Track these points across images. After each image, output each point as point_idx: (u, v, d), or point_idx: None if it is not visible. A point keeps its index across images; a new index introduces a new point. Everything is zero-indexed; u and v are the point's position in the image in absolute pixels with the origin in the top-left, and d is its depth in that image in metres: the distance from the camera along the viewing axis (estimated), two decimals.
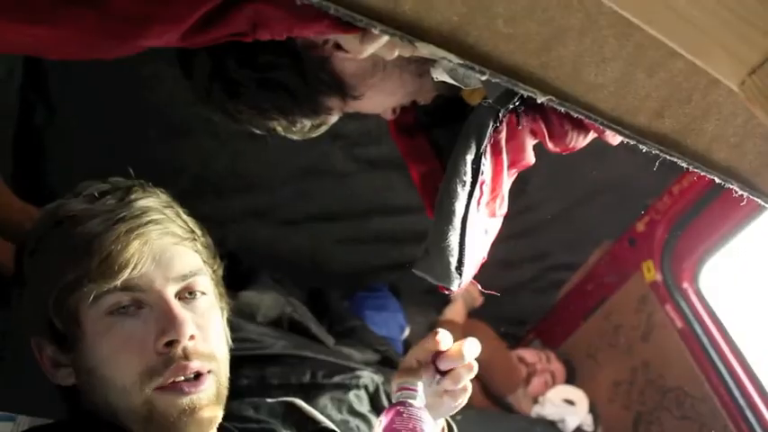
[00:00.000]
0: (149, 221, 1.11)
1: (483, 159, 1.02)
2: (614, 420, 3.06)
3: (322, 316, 2.43)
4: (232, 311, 1.28)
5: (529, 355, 3.12)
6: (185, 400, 1.04)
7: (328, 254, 2.84)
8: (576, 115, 0.68)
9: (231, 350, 1.20)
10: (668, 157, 0.73)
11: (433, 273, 1.05)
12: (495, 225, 1.16)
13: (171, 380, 1.04)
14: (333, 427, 1.33)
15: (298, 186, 2.57)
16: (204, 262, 1.18)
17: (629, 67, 0.65)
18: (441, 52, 0.61)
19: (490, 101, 1.00)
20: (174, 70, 1.17)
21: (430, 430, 1.04)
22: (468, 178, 1.02)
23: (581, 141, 1.11)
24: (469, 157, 1.02)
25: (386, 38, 0.82)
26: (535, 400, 3.03)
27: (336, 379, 1.96)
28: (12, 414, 1.40)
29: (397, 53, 0.88)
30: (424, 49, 0.61)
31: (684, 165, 0.75)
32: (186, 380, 1.05)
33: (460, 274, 1.04)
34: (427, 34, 0.60)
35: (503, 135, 1.05)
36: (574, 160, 1.20)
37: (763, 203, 0.81)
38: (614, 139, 1.06)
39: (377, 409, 2.04)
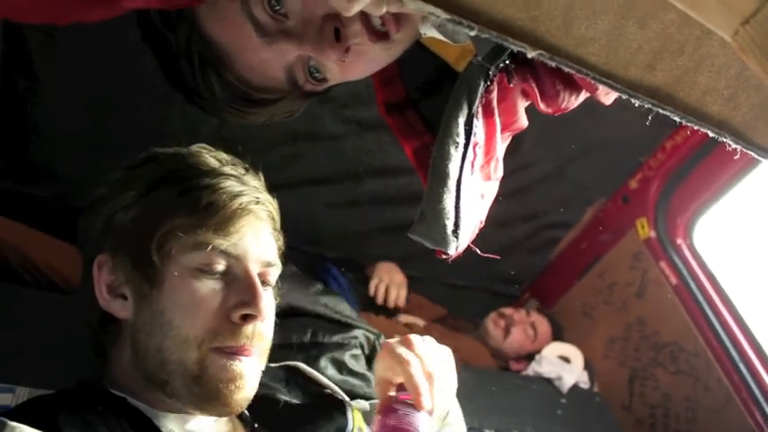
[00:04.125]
0: (262, 201, 1.20)
1: (475, 120, 1.01)
2: (610, 377, 3.10)
3: None
4: None
5: (506, 309, 3.16)
6: (238, 367, 1.10)
7: (321, 217, 2.84)
8: (567, 70, 0.67)
9: None
10: (661, 111, 0.73)
11: (430, 237, 1.04)
12: (491, 189, 1.15)
13: (225, 346, 1.09)
14: (336, 389, 1.34)
15: (288, 150, 2.56)
16: (279, 258, 1.24)
17: (621, 20, 0.64)
18: (428, 7, 0.60)
19: (479, 58, 0.98)
20: None
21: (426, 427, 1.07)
22: (461, 140, 1.01)
23: (573, 101, 1.10)
24: (462, 119, 1.00)
25: None
26: (528, 357, 3.06)
27: (336, 338, 1.97)
28: (11, 386, 1.41)
29: (384, 9, 0.86)
30: (412, 5, 0.59)
31: (677, 118, 0.74)
32: (241, 348, 1.11)
33: (457, 238, 1.04)
34: None
35: (494, 96, 1.04)
36: (566, 119, 1.19)
37: (756, 156, 0.80)
38: (607, 98, 1.05)
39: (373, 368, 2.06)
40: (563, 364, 3.00)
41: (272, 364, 1.40)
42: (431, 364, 1.13)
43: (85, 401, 1.09)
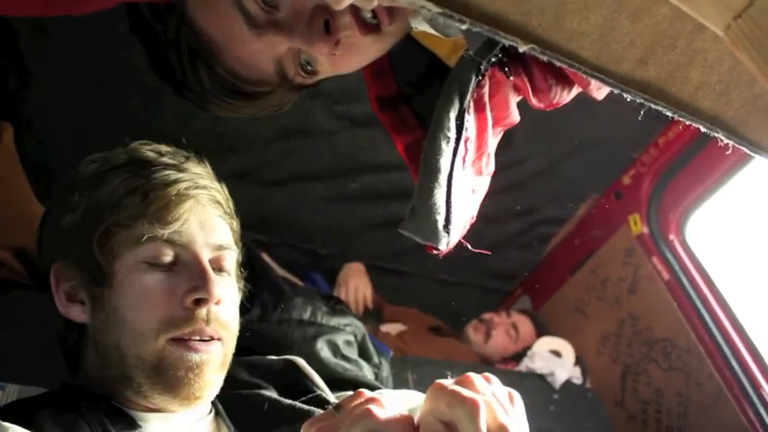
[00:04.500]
0: (203, 186, 1.19)
1: (466, 115, 1.01)
2: (602, 373, 3.10)
3: None
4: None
5: (485, 315, 3.18)
6: (195, 358, 1.09)
7: (314, 213, 2.84)
8: (558, 65, 0.67)
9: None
10: (653, 106, 0.72)
11: (421, 232, 1.04)
12: (482, 184, 1.15)
13: (183, 335, 1.09)
14: (328, 392, 1.32)
15: (280, 146, 2.56)
16: (234, 241, 1.24)
17: (613, 14, 0.64)
18: (420, 1, 0.59)
19: (471, 53, 0.98)
20: None
21: None
22: (452, 134, 1.00)
23: (565, 96, 1.09)
24: (453, 114, 1.00)
25: None
26: (514, 357, 3.07)
27: (333, 322, 1.97)
28: (1, 383, 1.40)
29: (375, 3, 0.85)
30: None
31: (669, 113, 0.74)
32: (201, 340, 1.10)
33: (448, 233, 1.04)
34: None
35: (485, 90, 1.04)
36: (559, 114, 1.19)
37: (748, 152, 0.80)
38: (599, 93, 1.05)
39: (365, 357, 2.06)
40: (555, 360, 3.01)
41: (274, 357, 1.40)
42: (503, 414, 0.82)
43: (69, 403, 1.09)
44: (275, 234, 2.81)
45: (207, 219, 1.17)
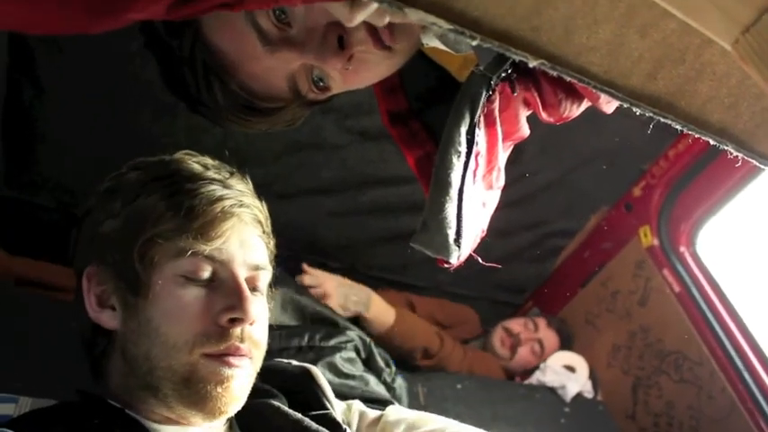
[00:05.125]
0: (246, 205, 1.19)
1: (477, 130, 1.02)
2: (613, 385, 3.09)
3: None
4: None
5: (514, 325, 3.12)
6: (226, 372, 1.09)
7: (324, 227, 2.84)
8: (568, 79, 0.67)
9: None
10: (662, 120, 0.73)
11: (432, 246, 1.04)
12: (492, 198, 1.15)
13: (217, 352, 1.09)
14: (335, 415, 1.32)
15: (291, 160, 2.57)
16: (269, 261, 1.24)
17: (622, 29, 0.64)
18: (430, 18, 0.60)
19: (481, 68, 0.98)
20: None
21: None
22: (462, 149, 1.01)
23: (575, 110, 1.10)
24: (463, 128, 1.01)
25: (375, 5, 0.81)
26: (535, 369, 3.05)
27: (332, 342, 1.97)
28: (14, 396, 1.41)
29: (387, 19, 0.86)
30: (414, 15, 0.60)
31: (678, 127, 0.74)
32: (232, 348, 1.10)
33: (459, 247, 1.04)
34: (416, 0, 0.59)
35: (496, 105, 1.04)
36: (568, 127, 1.20)
37: (758, 164, 0.80)
38: (608, 107, 1.05)
39: (373, 369, 2.06)
40: (568, 374, 2.99)
41: (295, 363, 1.40)
42: None
43: (82, 415, 1.10)
44: (285, 247, 2.82)
45: (247, 237, 1.18)
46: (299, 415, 1.25)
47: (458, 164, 1.01)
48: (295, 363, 1.40)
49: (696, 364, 2.77)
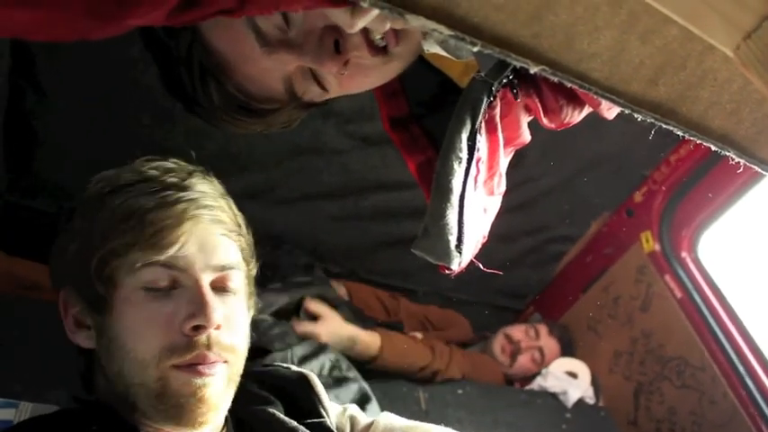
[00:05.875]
0: (204, 206, 1.14)
1: (478, 136, 1.01)
2: (615, 391, 3.09)
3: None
4: (258, 311, 1.31)
5: (515, 332, 3.12)
6: (198, 382, 1.06)
7: (325, 231, 2.84)
8: (569, 85, 0.67)
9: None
10: (663, 126, 0.73)
11: (433, 252, 1.04)
12: (494, 204, 1.15)
13: (186, 362, 1.06)
14: (330, 423, 1.31)
15: (292, 165, 2.57)
16: (243, 259, 1.20)
17: (623, 35, 0.64)
18: (431, 24, 0.60)
19: (483, 74, 0.98)
20: None
21: None
22: (463, 155, 1.01)
23: (576, 116, 1.10)
24: (465, 134, 1.00)
25: (376, 11, 0.81)
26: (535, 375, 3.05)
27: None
28: (14, 401, 1.41)
29: (388, 26, 0.86)
30: (415, 22, 0.59)
31: (680, 133, 0.74)
32: (204, 364, 1.07)
33: (460, 253, 1.04)
34: (417, 6, 0.59)
35: (497, 111, 1.04)
36: (570, 133, 1.19)
37: (759, 170, 0.80)
38: (609, 113, 1.05)
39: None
40: (569, 380, 2.99)
41: (294, 368, 1.39)
42: None
43: (81, 421, 1.09)
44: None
45: (207, 240, 1.13)
46: (294, 423, 1.23)
47: (459, 170, 1.01)
48: (294, 368, 1.38)
49: (698, 369, 2.76)
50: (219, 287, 1.14)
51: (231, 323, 1.13)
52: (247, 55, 0.96)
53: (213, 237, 1.14)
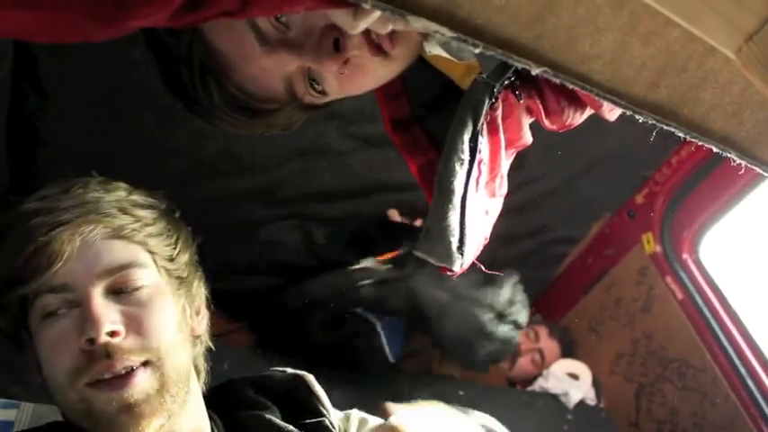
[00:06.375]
0: (81, 214, 1.09)
1: (480, 137, 1.01)
2: (616, 392, 3.08)
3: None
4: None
5: None
6: (117, 396, 1.02)
7: (327, 233, 2.84)
8: (571, 87, 0.67)
9: None
10: (665, 128, 0.73)
11: (435, 254, 1.04)
12: (495, 206, 1.15)
13: (97, 378, 1.03)
14: (331, 419, 1.31)
15: (294, 167, 2.56)
16: (150, 252, 1.15)
17: (624, 37, 0.64)
18: (433, 26, 0.60)
19: (484, 76, 0.98)
20: None
21: None
22: (465, 156, 1.01)
23: (578, 118, 1.10)
24: (466, 136, 1.00)
25: (378, 13, 0.81)
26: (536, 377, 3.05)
27: None
28: (16, 401, 1.41)
29: (390, 27, 0.86)
30: (417, 23, 0.60)
31: (681, 135, 0.74)
32: (115, 377, 1.03)
33: (462, 254, 1.04)
34: (419, 8, 0.59)
35: (499, 113, 1.04)
36: (571, 134, 1.19)
37: (761, 172, 0.80)
38: (611, 114, 1.05)
39: None
40: (570, 381, 2.99)
41: (289, 370, 1.37)
42: None
43: None
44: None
45: (89, 248, 1.08)
46: (290, 427, 1.21)
47: (461, 172, 1.01)
48: (290, 370, 1.36)
49: (699, 371, 2.76)
50: (118, 290, 1.09)
51: (139, 322, 1.08)
52: (248, 54, 0.96)
53: (96, 243, 1.09)
